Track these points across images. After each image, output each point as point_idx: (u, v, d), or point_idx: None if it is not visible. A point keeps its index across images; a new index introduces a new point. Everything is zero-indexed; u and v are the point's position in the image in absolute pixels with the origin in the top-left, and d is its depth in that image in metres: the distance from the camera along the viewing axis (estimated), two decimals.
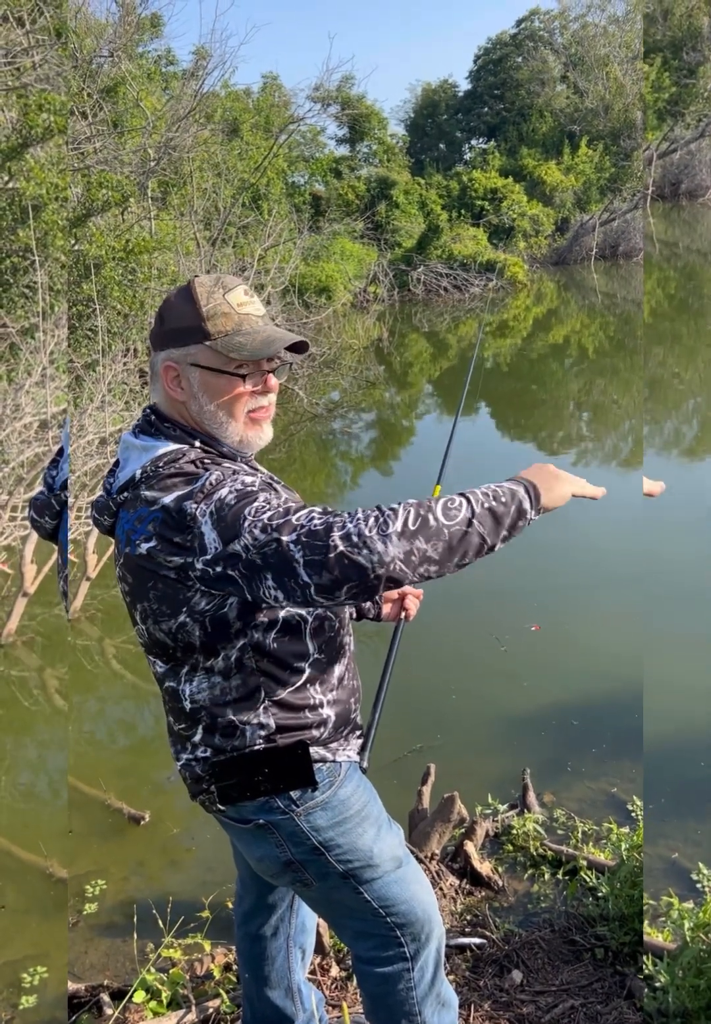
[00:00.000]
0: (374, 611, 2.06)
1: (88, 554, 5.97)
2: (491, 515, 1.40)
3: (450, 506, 1.38)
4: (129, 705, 5.27)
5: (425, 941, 1.80)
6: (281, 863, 1.71)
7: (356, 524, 1.34)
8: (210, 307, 1.59)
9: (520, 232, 24.09)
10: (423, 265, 21.26)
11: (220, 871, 3.42)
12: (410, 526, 1.34)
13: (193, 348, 1.60)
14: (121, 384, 8.97)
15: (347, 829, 1.69)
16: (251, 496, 1.44)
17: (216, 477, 1.49)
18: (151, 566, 1.53)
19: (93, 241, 10.48)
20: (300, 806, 1.65)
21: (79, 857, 3.73)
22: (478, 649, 5.27)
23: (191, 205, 14.57)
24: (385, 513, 1.36)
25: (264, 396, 1.66)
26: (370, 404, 12.71)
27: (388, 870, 1.73)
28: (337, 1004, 2.51)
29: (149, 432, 1.65)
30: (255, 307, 1.64)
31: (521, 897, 3.16)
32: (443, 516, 1.37)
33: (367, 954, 1.82)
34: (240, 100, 21.33)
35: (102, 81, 13.91)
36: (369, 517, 1.35)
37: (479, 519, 1.38)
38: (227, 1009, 2.55)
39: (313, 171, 25.07)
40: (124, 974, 3.00)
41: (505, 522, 1.42)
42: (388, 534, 1.33)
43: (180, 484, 1.50)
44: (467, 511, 1.38)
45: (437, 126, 32.79)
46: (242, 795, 1.65)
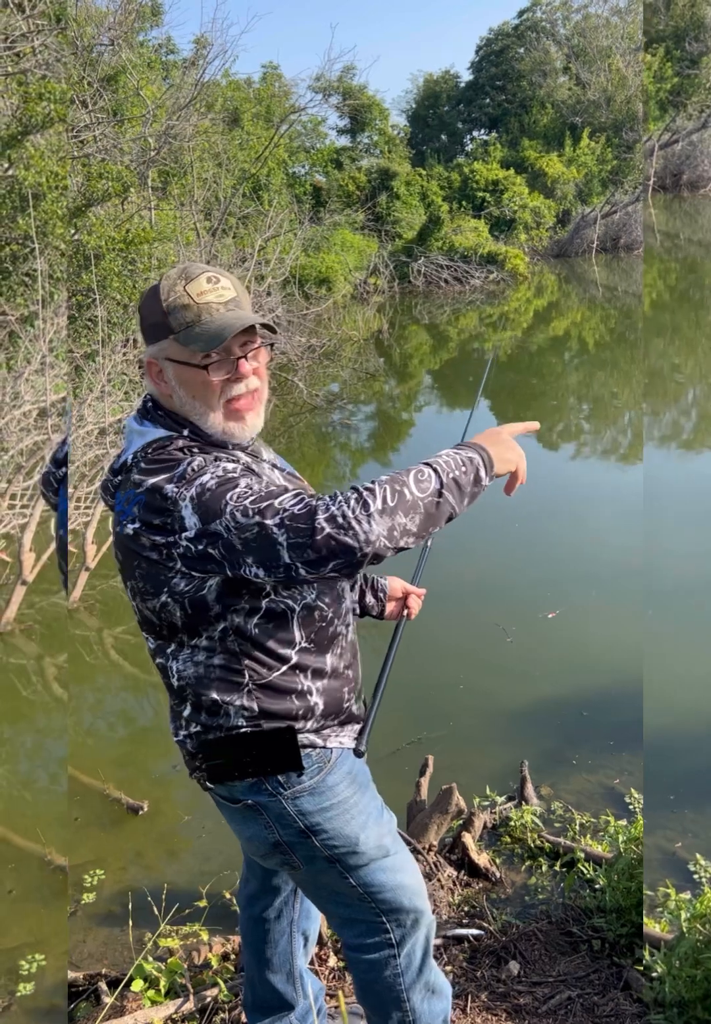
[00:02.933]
0: (377, 609, 2.07)
1: (87, 544, 5.96)
2: (456, 485, 1.47)
3: (420, 478, 1.44)
4: (128, 696, 5.28)
5: (411, 928, 1.82)
6: (269, 844, 1.73)
7: (339, 506, 1.38)
8: (170, 301, 1.59)
9: (521, 224, 24.00)
10: (424, 257, 21.19)
11: (218, 860, 3.44)
12: (389, 502, 1.39)
13: (163, 343, 1.62)
14: (121, 375, 8.96)
15: (334, 815, 1.70)
16: (232, 482, 1.47)
17: (198, 463, 1.52)
18: (135, 546, 1.57)
19: (93, 231, 10.45)
20: (287, 789, 1.67)
21: (78, 846, 3.74)
22: (480, 642, 5.27)
23: (191, 195, 14.52)
24: (364, 493, 1.40)
25: (239, 383, 1.63)
26: (370, 396, 12.69)
27: (374, 857, 1.75)
28: (334, 993, 2.52)
29: (147, 418, 1.69)
30: (217, 294, 1.61)
31: (518, 889, 3.17)
32: (416, 489, 1.43)
33: (354, 941, 1.84)
34: (241, 90, 21.22)
35: (102, 70, 13.84)
36: (350, 499, 1.39)
37: (447, 488, 1.45)
38: (225, 998, 2.56)
39: (314, 161, 24.96)
40: (122, 963, 3.01)
41: (467, 490, 1.49)
42: (370, 513, 1.38)
43: (164, 469, 1.54)
44: (436, 482, 1.45)
45: (438, 117, 32.65)
46: (230, 775, 1.68)
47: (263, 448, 1.77)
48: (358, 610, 2.03)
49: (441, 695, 4.71)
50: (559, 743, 4.24)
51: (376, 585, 2.07)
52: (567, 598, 5.64)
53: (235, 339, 1.59)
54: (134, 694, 5.21)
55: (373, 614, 2.07)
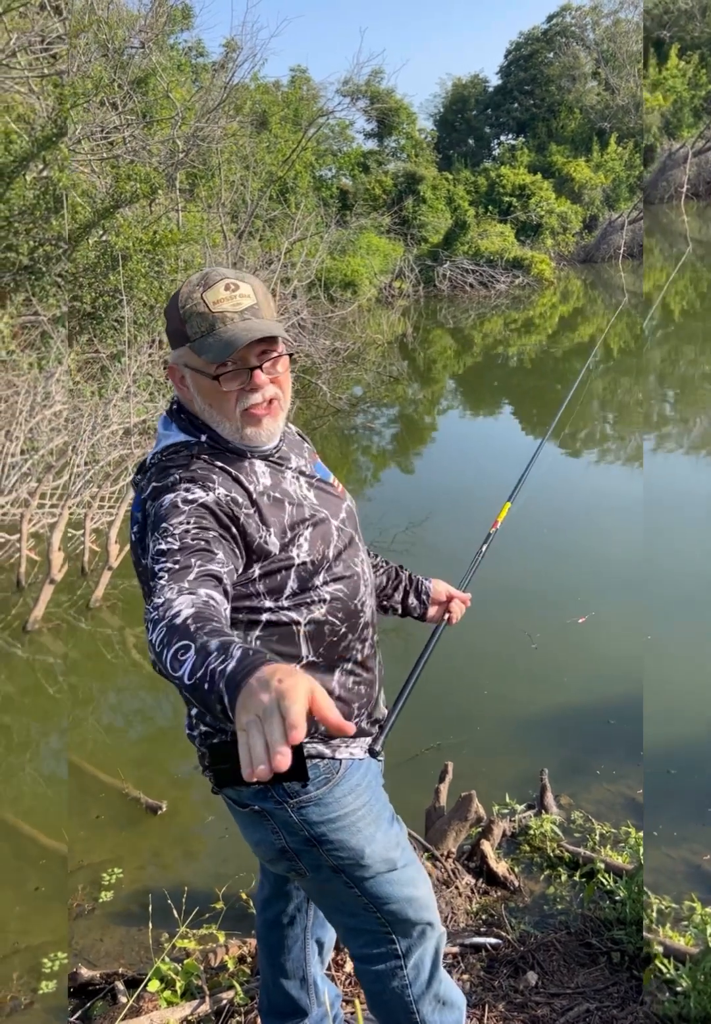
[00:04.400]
0: (419, 611, 2.05)
1: (110, 544, 6.00)
2: (197, 691, 1.22)
3: (179, 656, 1.25)
4: (147, 695, 5.29)
5: (418, 940, 1.80)
6: (276, 850, 1.72)
7: (149, 610, 1.35)
8: (186, 308, 1.58)
9: (547, 229, 23.92)
10: (449, 261, 21.18)
11: (235, 863, 3.43)
12: (156, 647, 1.30)
13: (181, 350, 1.62)
14: (146, 375, 9.03)
15: (340, 827, 1.69)
16: (173, 514, 1.48)
17: (173, 480, 1.54)
18: (137, 552, 1.62)
19: (121, 233, 10.52)
20: (293, 798, 1.66)
21: (96, 845, 3.76)
22: (507, 648, 5.22)
23: (218, 197, 14.58)
24: (154, 615, 1.33)
25: (254, 393, 1.60)
26: (393, 400, 12.68)
27: (379, 871, 1.73)
28: (351, 1000, 2.50)
29: (172, 420, 1.70)
30: (233, 303, 1.57)
31: (537, 898, 3.15)
32: (170, 663, 1.26)
33: (360, 951, 1.83)
34: (269, 93, 21.33)
35: (133, 72, 13.94)
36: (155, 609, 1.34)
37: (188, 690, 1.24)
38: (241, 1001, 2.55)
39: (341, 165, 25.01)
40: (139, 963, 3.01)
41: (206, 705, 1.22)
42: (149, 638, 1.32)
43: (160, 478, 1.57)
44: (181, 673, 1.24)
45: (466, 121, 32.58)
46: (235, 780, 1.66)
47: (294, 452, 1.75)
48: (400, 611, 2.04)
49: (464, 701, 4.68)
50: (581, 752, 4.20)
51: (420, 587, 2.05)
52: (597, 605, 5.57)
53: (250, 348, 1.57)
54: (154, 694, 5.22)
55: (415, 615, 2.06)
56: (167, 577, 1.38)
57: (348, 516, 1.78)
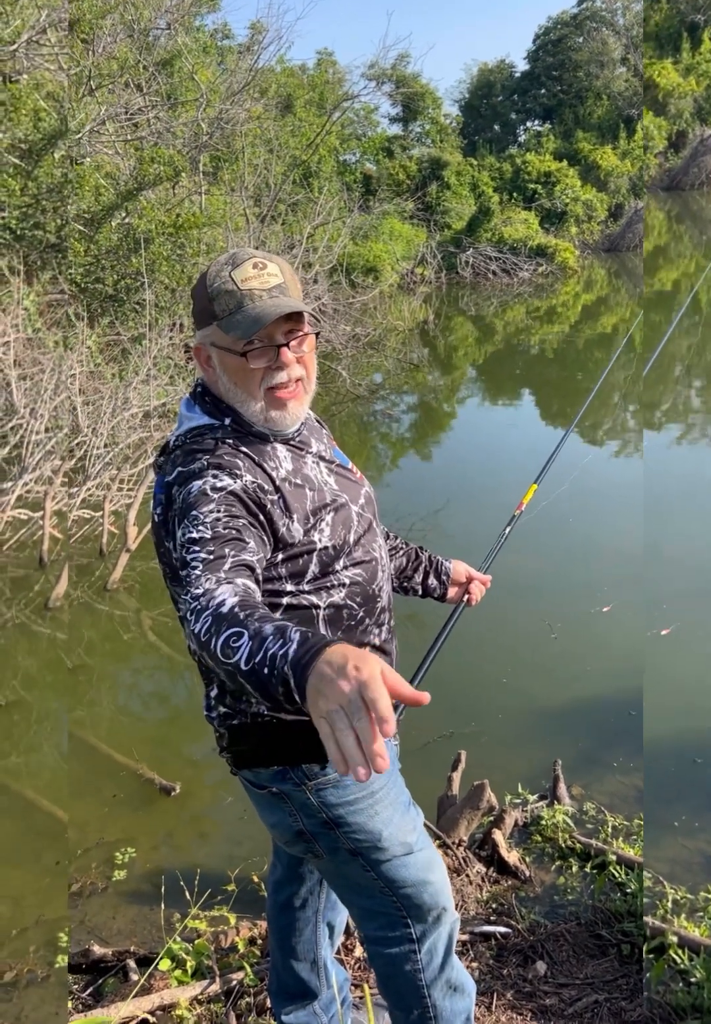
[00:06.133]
0: (439, 591, 2.08)
1: (129, 526, 6.03)
2: (255, 676, 1.21)
3: (232, 643, 1.23)
4: (163, 677, 5.33)
5: (433, 925, 1.80)
6: (293, 832, 1.73)
7: (189, 600, 1.33)
8: (215, 287, 1.59)
9: (572, 217, 23.72)
10: (472, 248, 21.04)
11: (247, 845, 3.45)
12: (201, 637, 1.28)
13: (208, 329, 1.63)
14: (166, 359, 9.04)
15: (358, 809, 1.69)
16: (203, 502, 1.47)
17: (201, 466, 1.53)
18: (159, 534, 1.63)
19: (143, 215, 10.54)
20: (311, 780, 1.66)
21: (110, 824, 3.79)
22: (528, 637, 5.19)
23: (242, 181, 14.56)
24: (196, 606, 1.31)
25: (280, 371, 1.61)
26: (412, 387, 12.63)
27: (397, 854, 1.73)
28: (360, 984, 2.52)
29: (196, 402, 1.70)
30: (261, 280, 1.58)
31: (548, 888, 3.14)
32: (220, 652, 1.24)
33: (374, 933, 1.84)
34: (295, 76, 21.24)
35: (158, 53, 13.93)
36: (194, 600, 1.32)
37: (244, 675, 1.22)
38: (251, 982, 2.57)
39: (365, 149, 24.89)
40: (150, 942, 3.04)
41: (265, 690, 1.20)
42: (191, 628, 1.30)
43: (185, 462, 1.57)
44: (234, 664, 1.22)
45: (492, 107, 32.34)
46: (254, 762, 1.68)
47: (314, 437, 1.76)
48: (421, 591, 2.06)
49: (481, 689, 4.67)
50: (598, 744, 4.18)
51: (440, 568, 2.08)
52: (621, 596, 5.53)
53: (277, 326, 1.58)
54: (170, 675, 5.26)
55: (435, 596, 2.08)
56: (202, 568, 1.38)
57: (367, 501, 1.79)
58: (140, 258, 9.95)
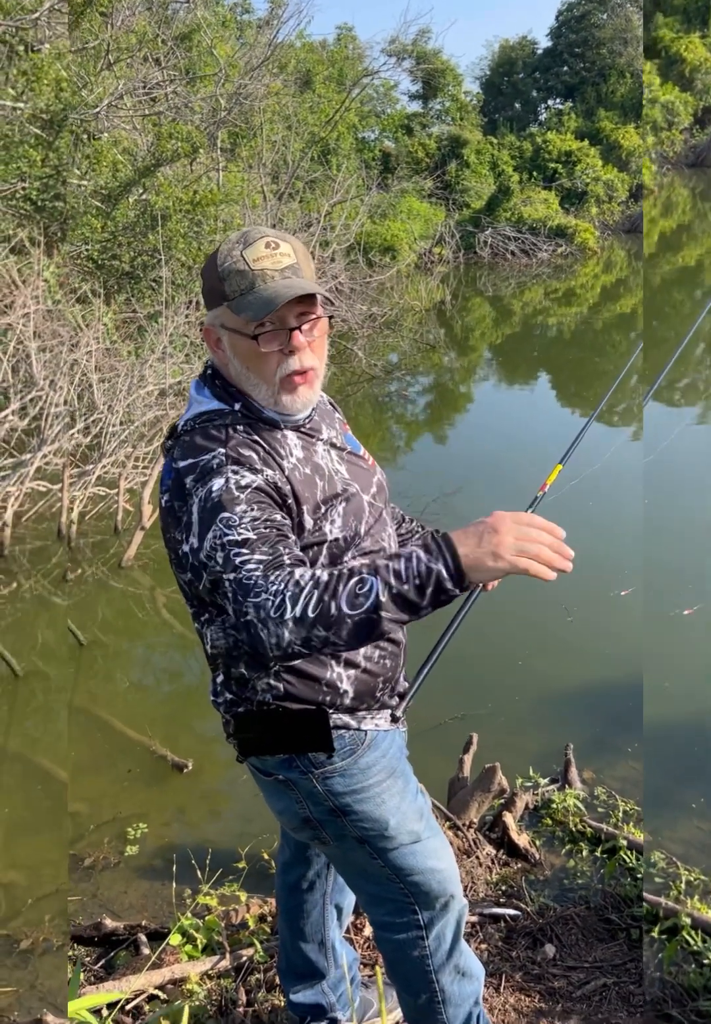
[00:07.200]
0: None
1: (144, 503, 6.05)
2: (401, 599, 1.27)
3: (358, 591, 1.27)
4: (176, 654, 5.35)
5: (440, 912, 1.80)
6: (300, 819, 1.73)
7: (265, 599, 1.31)
8: (225, 266, 1.54)
9: (593, 197, 23.42)
10: (491, 227, 20.84)
11: (258, 823, 3.47)
12: (309, 613, 1.27)
13: (218, 310, 1.58)
14: (182, 336, 9.03)
15: (364, 797, 1.69)
16: (232, 503, 1.43)
17: (219, 461, 1.49)
18: (166, 520, 1.59)
19: (161, 192, 10.49)
20: (318, 769, 1.66)
21: (123, 800, 3.82)
22: (539, 621, 5.16)
23: (259, 157, 14.46)
24: (287, 594, 1.29)
25: (292, 357, 1.56)
26: (428, 368, 12.57)
27: (404, 842, 1.73)
28: (370, 963, 2.53)
29: (206, 385, 1.66)
30: (274, 260, 1.53)
31: (558, 872, 3.15)
32: (347, 605, 1.26)
33: (381, 919, 1.84)
34: (314, 51, 21.02)
35: (177, 27, 13.82)
36: (278, 594, 1.30)
37: (385, 608, 1.26)
38: (260, 959, 2.59)
39: (384, 127, 24.65)
40: (162, 916, 3.07)
41: (421, 603, 1.28)
42: (285, 620, 1.28)
43: (197, 452, 1.52)
44: (373, 600, 1.26)
45: (513, 85, 31.92)
46: (260, 749, 1.68)
47: (325, 423, 1.73)
48: None
49: (495, 671, 4.66)
50: (611, 728, 4.17)
51: None
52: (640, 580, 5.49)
53: (289, 308, 1.53)
54: (182, 653, 5.28)
55: None
56: (263, 567, 1.35)
57: (378, 491, 1.77)
58: (157, 235, 9.91)
